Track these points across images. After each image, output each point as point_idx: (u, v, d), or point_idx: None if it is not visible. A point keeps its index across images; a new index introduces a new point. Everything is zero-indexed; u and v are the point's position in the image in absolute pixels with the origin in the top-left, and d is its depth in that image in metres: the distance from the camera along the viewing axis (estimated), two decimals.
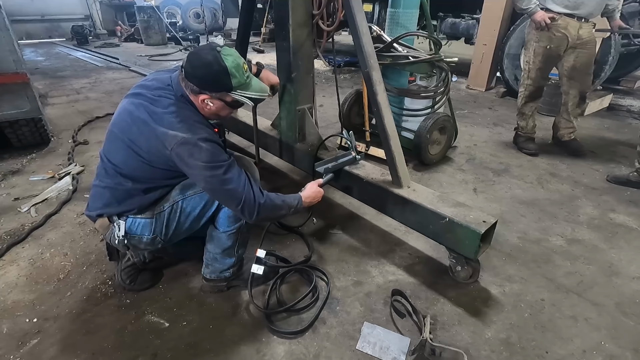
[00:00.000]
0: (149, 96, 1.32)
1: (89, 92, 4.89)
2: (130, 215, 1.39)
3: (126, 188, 1.37)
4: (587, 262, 1.90)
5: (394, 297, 1.62)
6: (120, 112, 1.37)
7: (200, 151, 1.25)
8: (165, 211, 1.41)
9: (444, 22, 5.74)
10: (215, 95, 1.30)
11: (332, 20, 1.89)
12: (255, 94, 1.34)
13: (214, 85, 1.28)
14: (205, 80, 1.26)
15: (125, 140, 1.32)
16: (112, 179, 1.37)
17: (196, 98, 1.31)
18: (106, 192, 1.39)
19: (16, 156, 2.91)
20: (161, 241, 1.45)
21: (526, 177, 2.74)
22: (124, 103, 1.38)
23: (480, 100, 4.73)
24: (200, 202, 1.43)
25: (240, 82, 1.29)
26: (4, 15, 2.56)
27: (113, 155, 1.37)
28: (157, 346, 1.40)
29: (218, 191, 1.32)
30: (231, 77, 1.26)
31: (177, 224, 1.44)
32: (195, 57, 1.27)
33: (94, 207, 1.42)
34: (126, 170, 1.35)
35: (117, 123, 1.37)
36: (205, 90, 1.29)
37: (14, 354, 1.36)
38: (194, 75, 1.26)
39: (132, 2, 10.31)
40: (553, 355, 1.40)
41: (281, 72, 2.02)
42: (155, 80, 1.39)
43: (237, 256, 1.59)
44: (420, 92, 2.78)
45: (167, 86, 1.35)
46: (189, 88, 1.30)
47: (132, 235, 1.40)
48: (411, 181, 1.78)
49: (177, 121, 1.26)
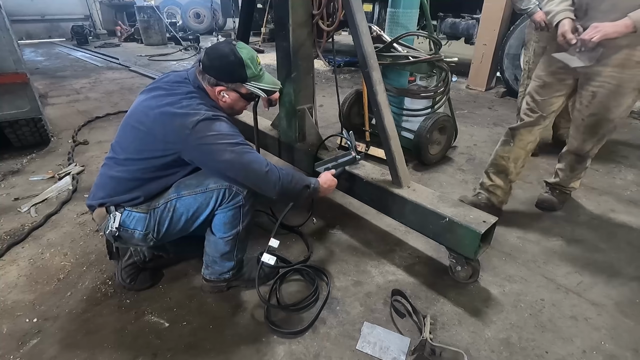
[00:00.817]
0: (167, 87, 1.40)
1: (89, 92, 4.89)
2: (127, 208, 1.39)
3: (133, 178, 1.38)
4: (587, 262, 1.90)
5: (394, 297, 1.62)
6: (138, 104, 1.42)
7: (221, 123, 1.32)
8: (159, 208, 1.40)
9: (444, 22, 5.73)
10: (231, 86, 1.40)
11: (332, 20, 1.89)
12: (268, 86, 1.46)
13: (230, 75, 1.38)
14: (221, 71, 1.36)
15: (142, 129, 1.34)
16: (120, 168, 1.39)
17: (213, 90, 1.40)
18: (112, 181, 1.40)
19: (16, 156, 2.91)
20: (153, 239, 1.43)
21: (526, 177, 2.74)
22: (141, 97, 1.44)
23: (480, 100, 4.73)
24: (193, 204, 1.41)
25: (254, 74, 1.40)
26: (4, 15, 2.56)
27: (126, 145, 1.39)
28: (157, 346, 1.40)
29: (241, 160, 1.32)
30: (246, 68, 1.37)
31: (170, 223, 1.42)
32: (212, 51, 1.37)
33: (97, 196, 1.43)
34: (137, 160, 1.36)
35: (134, 114, 1.40)
36: (221, 82, 1.38)
37: (14, 354, 1.36)
38: (211, 66, 1.36)
39: (132, 2, 10.30)
40: (553, 355, 1.40)
41: (281, 72, 2.02)
42: (172, 76, 1.48)
43: (237, 260, 1.59)
44: (420, 92, 2.78)
45: (184, 79, 1.43)
46: (206, 80, 1.39)
47: (125, 229, 1.39)
48: (411, 181, 1.78)
49: (197, 103, 1.34)
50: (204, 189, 1.40)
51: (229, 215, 1.45)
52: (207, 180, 1.41)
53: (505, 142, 2.12)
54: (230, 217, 1.46)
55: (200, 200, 1.41)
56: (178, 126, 1.28)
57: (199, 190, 1.40)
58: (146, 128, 1.34)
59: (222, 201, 1.42)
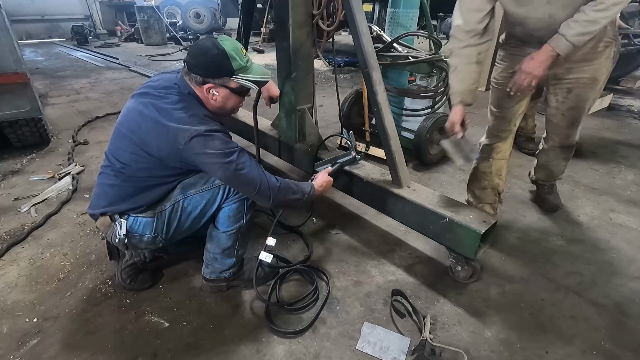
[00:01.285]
0: (156, 94, 1.35)
1: (89, 92, 4.89)
2: (132, 214, 1.39)
3: (133, 186, 1.37)
4: (587, 262, 1.90)
5: (394, 297, 1.62)
6: (128, 111, 1.39)
7: (214, 140, 1.28)
8: (167, 210, 1.41)
9: (444, 22, 5.75)
10: (218, 82, 1.34)
11: (332, 20, 1.89)
12: (258, 77, 1.39)
13: (216, 70, 1.32)
14: (206, 66, 1.31)
15: (134, 139, 1.33)
16: (118, 177, 1.37)
17: (201, 90, 1.35)
18: (112, 190, 1.39)
19: (16, 156, 2.91)
20: (162, 240, 1.45)
21: (526, 177, 2.74)
22: (132, 102, 1.40)
23: (480, 100, 4.70)
24: (201, 202, 1.43)
25: (240, 65, 1.33)
26: (4, 15, 2.56)
27: (120, 154, 1.37)
28: (157, 346, 1.40)
29: (235, 177, 1.32)
30: (231, 60, 1.30)
31: (178, 222, 1.44)
32: (194, 48, 1.34)
33: (98, 205, 1.42)
34: (134, 169, 1.35)
35: (126, 122, 1.37)
36: (208, 78, 1.33)
37: (14, 354, 1.36)
38: (195, 64, 1.32)
39: (132, 2, 10.30)
40: (553, 355, 1.40)
41: (281, 72, 2.02)
42: (162, 80, 1.42)
43: (237, 257, 1.59)
44: (420, 92, 2.78)
45: (173, 85, 1.38)
46: (193, 80, 1.34)
47: (134, 234, 1.40)
48: (411, 181, 1.78)
49: (187, 116, 1.29)
50: (210, 186, 1.42)
51: (233, 208, 1.47)
52: (212, 177, 1.42)
53: (484, 158, 2.06)
54: (234, 209, 1.47)
55: (207, 197, 1.43)
56: (171, 140, 1.27)
57: (206, 187, 1.42)
58: (138, 138, 1.32)
59: (229, 195, 1.45)
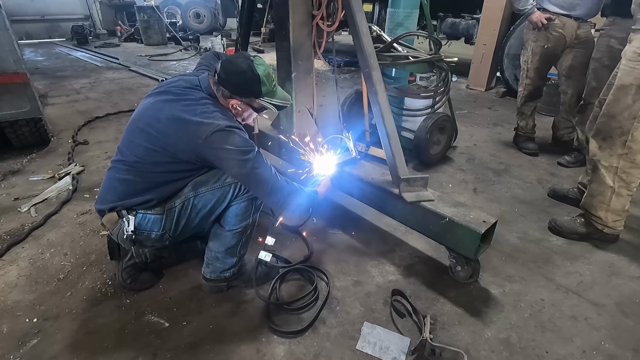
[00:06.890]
0: (178, 92, 1.39)
1: (89, 92, 4.89)
2: (140, 211, 1.38)
3: (144, 181, 1.37)
4: (587, 262, 1.90)
5: (394, 297, 1.62)
6: (146, 108, 1.40)
7: (234, 136, 1.31)
8: (177, 207, 1.41)
9: (444, 22, 5.73)
10: (245, 100, 1.42)
11: (332, 20, 1.89)
12: (280, 102, 1.47)
13: (246, 91, 1.40)
14: (238, 86, 1.38)
15: (153, 132, 1.34)
16: (130, 172, 1.37)
17: (226, 102, 1.42)
18: (122, 185, 1.39)
19: (16, 156, 2.91)
20: (169, 237, 1.45)
21: (526, 177, 2.74)
22: (149, 99, 1.42)
23: (480, 100, 4.73)
24: (211, 199, 1.43)
25: (268, 90, 1.42)
26: (4, 15, 2.56)
27: (135, 148, 1.37)
28: (157, 346, 1.40)
29: (250, 175, 1.34)
30: (262, 85, 1.38)
31: (187, 220, 1.44)
32: (230, 65, 1.37)
33: (107, 199, 1.41)
34: (148, 162, 1.36)
35: (144, 117, 1.38)
36: (236, 95, 1.40)
37: (14, 354, 1.36)
38: (227, 80, 1.37)
39: (132, 2, 10.29)
40: (553, 355, 1.40)
41: (281, 72, 2.02)
42: (182, 81, 1.45)
43: (239, 256, 1.60)
44: (420, 92, 2.78)
45: (195, 86, 1.42)
46: (220, 92, 1.41)
47: (141, 231, 1.40)
48: None
49: (211, 110, 1.34)
50: (222, 184, 1.43)
51: (241, 207, 1.48)
52: (224, 175, 1.43)
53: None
54: (242, 208, 1.48)
55: (218, 195, 1.44)
56: (191, 134, 1.29)
57: (217, 185, 1.43)
58: (157, 132, 1.33)
59: (238, 194, 1.46)
